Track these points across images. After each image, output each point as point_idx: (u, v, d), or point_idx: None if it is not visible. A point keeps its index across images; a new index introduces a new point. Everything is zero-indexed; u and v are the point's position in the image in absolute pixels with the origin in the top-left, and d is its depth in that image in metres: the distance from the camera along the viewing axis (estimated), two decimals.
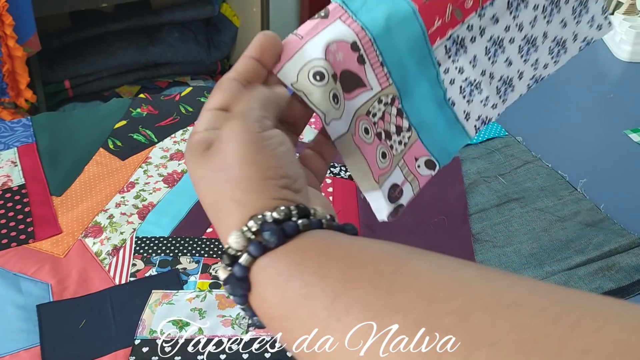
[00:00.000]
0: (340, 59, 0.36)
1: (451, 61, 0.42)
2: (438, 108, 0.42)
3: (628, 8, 1.01)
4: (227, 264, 0.29)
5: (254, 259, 0.28)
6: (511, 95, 0.46)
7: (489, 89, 0.44)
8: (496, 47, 0.44)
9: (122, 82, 1.81)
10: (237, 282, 0.29)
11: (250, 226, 0.29)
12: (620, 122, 0.84)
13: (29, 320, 0.55)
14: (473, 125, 0.44)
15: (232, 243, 0.29)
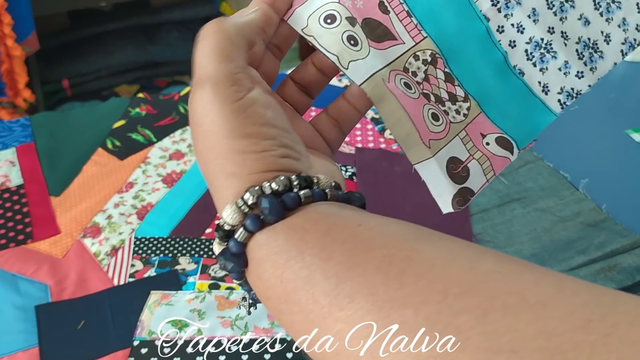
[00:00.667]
0: (360, 6, 0.32)
1: (503, 15, 0.34)
2: (500, 76, 0.35)
3: None
4: (222, 239, 0.27)
5: (250, 234, 0.26)
6: (601, 63, 0.36)
7: (566, 52, 0.35)
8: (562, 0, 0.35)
9: (121, 82, 1.80)
10: (233, 258, 0.27)
11: (246, 199, 0.26)
12: (622, 122, 0.84)
13: (27, 321, 0.55)
14: (557, 100, 0.36)
15: (227, 217, 0.26)
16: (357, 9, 0.32)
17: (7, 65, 1.36)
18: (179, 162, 0.75)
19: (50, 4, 1.54)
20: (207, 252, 0.62)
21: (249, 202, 0.26)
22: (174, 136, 0.79)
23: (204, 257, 0.62)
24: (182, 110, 0.84)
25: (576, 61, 0.36)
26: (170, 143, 0.78)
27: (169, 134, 0.79)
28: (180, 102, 0.85)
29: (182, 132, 0.80)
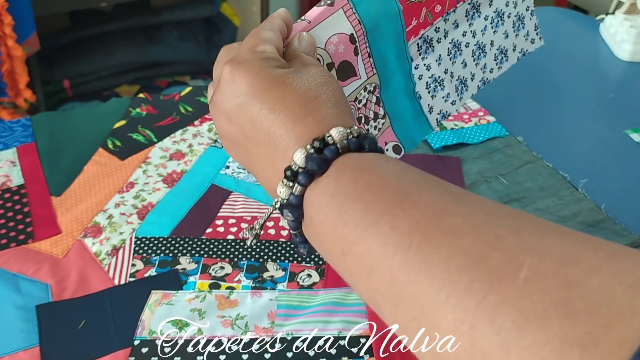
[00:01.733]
0: (341, 51, 0.40)
1: (421, 58, 0.47)
2: (408, 100, 0.48)
3: (629, 8, 1.01)
4: (289, 179, 0.31)
5: (304, 187, 0.30)
6: (466, 94, 0.52)
7: (449, 86, 0.50)
8: (455, 49, 0.50)
9: (122, 82, 1.80)
10: (292, 208, 0.31)
11: (314, 146, 0.31)
12: (621, 122, 0.84)
13: (28, 321, 0.55)
14: (435, 118, 0.50)
15: (297, 160, 0.31)
16: (339, 54, 0.41)
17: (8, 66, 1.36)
18: (180, 162, 0.75)
19: (50, 4, 1.54)
20: (207, 252, 0.63)
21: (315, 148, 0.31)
22: (175, 136, 0.79)
23: (205, 257, 0.62)
24: (182, 111, 0.84)
25: (453, 93, 0.51)
26: (171, 143, 0.78)
27: (170, 134, 0.79)
28: (180, 102, 0.85)
29: (182, 132, 0.80)
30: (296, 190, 0.31)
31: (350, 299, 0.58)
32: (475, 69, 0.52)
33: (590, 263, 0.22)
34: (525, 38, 0.56)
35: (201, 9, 1.87)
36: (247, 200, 0.69)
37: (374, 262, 0.26)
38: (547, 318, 0.20)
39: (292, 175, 0.31)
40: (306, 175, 0.30)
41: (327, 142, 0.31)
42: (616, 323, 0.19)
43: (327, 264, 0.62)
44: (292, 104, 0.32)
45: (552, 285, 0.21)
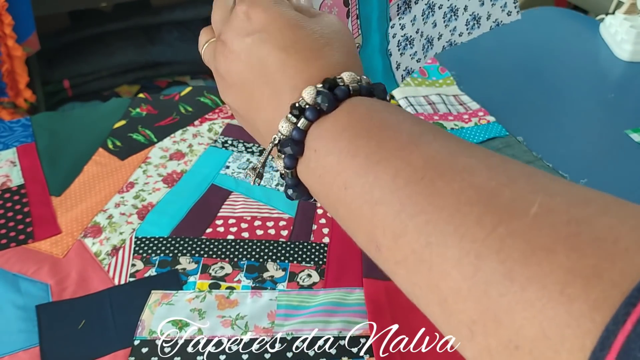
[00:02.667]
0: (335, 13, 0.41)
1: (398, 18, 0.49)
2: (381, 58, 0.49)
3: (629, 8, 1.01)
4: (296, 116, 0.31)
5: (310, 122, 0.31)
6: (430, 52, 0.54)
7: (417, 45, 0.52)
8: (429, 10, 0.51)
9: (122, 82, 1.80)
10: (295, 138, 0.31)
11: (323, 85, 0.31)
12: (621, 122, 0.84)
13: (28, 321, 0.55)
14: (400, 75, 0.51)
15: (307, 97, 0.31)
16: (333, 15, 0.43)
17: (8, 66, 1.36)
18: (180, 162, 0.75)
19: (50, 4, 1.54)
20: (207, 252, 0.63)
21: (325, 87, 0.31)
22: (175, 136, 0.79)
23: (205, 257, 0.62)
24: (182, 111, 0.84)
25: (420, 51, 0.52)
26: (171, 143, 0.78)
27: (170, 134, 0.79)
28: (180, 103, 0.85)
29: (182, 132, 0.80)
30: (302, 125, 0.31)
31: (350, 299, 0.58)
32: (444, 30, 0.53)
33: (599, 205, 0.22)
34: (502, 9, 0.56)
35: (201, 9, 1.87)
36: (247, 200, 0.69)
37: (381, 194, 0.26)
38: (553, 250, 0.21)
39: (298, 111, 0.31)
40: (314, 110, 0.30)
41: (337, 84, 0.31)
42: (620, 258, 0.20)
43: (327, 264, 0.62)
44: (305, 46, 0.32)
45: (561, 222, 0.22)
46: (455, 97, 0.87)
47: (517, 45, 1.01)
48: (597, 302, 0.19)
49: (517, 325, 0.21)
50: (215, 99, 0.86)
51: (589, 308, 0.19)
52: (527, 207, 0.22)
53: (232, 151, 0.77)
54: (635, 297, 0.19)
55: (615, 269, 0.20)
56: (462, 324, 0.23)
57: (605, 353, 0.18)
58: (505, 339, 0.21)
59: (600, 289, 0.19)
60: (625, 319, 0.18)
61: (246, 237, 0.64)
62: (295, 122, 0.31)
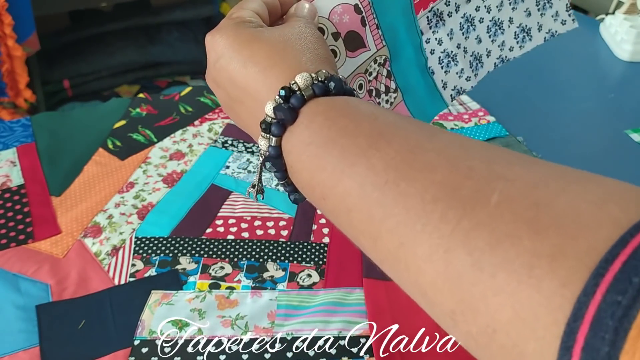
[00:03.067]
0: (346, 21, 0.41)
1: (432, 32, 0.47)
2: (420, 74, 0.47)
3: (629, 8, 1.01)
4: (265, 131, 0.32)
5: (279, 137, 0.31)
6: (481, 71, 0.51)
7: (463, 62, 0.49)
8: (468, 24, 0.49)
9: (122, 82, 1.80)
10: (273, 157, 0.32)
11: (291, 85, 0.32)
12: (621, 122, 0.84)
13: (28, 321, 0.55)
14: (449, 95, 0.49)
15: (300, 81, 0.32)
16: (343, 23, 0.40)
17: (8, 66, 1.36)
18: (180, 162, 0.75)
19: (50, 4, 1.54)
20: (207, 252, 0.63)
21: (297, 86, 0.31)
22: (175, 136, 0.79)
23: (204, 257, 0.62)
24: (182, 111, 0.84)
25: (468, 69, 0.50)
26: (171, 143, 0.78)
27: (170, 134, 0.79)
28: (180, 103, 0.85)
29: (182, 132, 0.80)
30: (272, 142, 0.32)
31: (350, 299, 0.58)
32: (491, 46, 0.51)
33: (558, 185, 0.23)
34: (554, 19, 0.54)
35: (201, 9, 1.87)
36: (247, 200, 0.69)
37: (353, 203, 0.27)
38: (517, 236, 0.22)
39: (267, 128, 0.32)
40: (278, 125, 0.31)
41: (293, 90, 0.32)
42: (582, 234, 0.21)
43: (327, 264, 0.62)
44: (262, 57, 0.34)
45: (522, 207, 0.22)
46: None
47: None
48: (565, 278, 0.20)
49: (492, 311, 0.22)
50: (215, 99, 0.86)
51: (558, 285, 0.20)
52: (489, 195, 0.23)
53: (232, 151, 0.77)
54: (602, 267, 0.19)
55: (579, 245, 0.20)
56: (443, 314, 0.24)
57: (578, 324, 0.19)
58: (483, 325, 0.22)
59: (566, 266, 0.20)
60: (595, 289, 0.19)
61: (246, 237, 0.64)
62: (268, 138, 0.32)
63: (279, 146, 0.32)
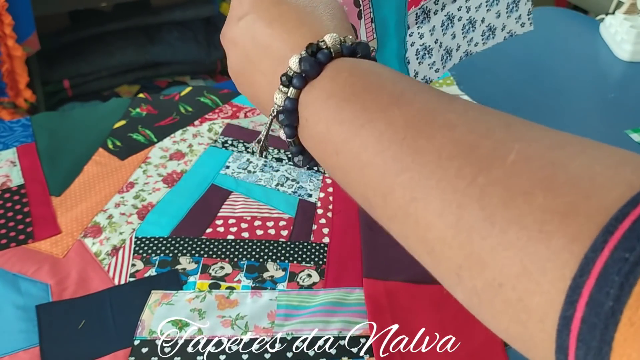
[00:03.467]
0: (345, 11, 0.42)
1: (417, 27, 0.49)
2: (397, 64, 0.50)
3: (629, 8, 1.01)
4: (284, 85, 0.32)
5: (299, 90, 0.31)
6: (449, 63, 0.54)
7: (436, 55, 0.53)
8: (448, 22, 0.52)
9: (122, 82, 1.80)
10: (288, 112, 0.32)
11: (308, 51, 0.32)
12: (621, 122, 0.84)
13: (28, 321, 0.55)
14: None
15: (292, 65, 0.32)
16: None
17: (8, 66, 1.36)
18: (180, 162, 0.75)
19: (50, 4, 1.54)
20: (207, 252, 0.63)
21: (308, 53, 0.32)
22: (175, 136, 0.79)
23: (205, 257, 0.62)
24: (182, 111, 0.84)
25: (438, 61, 0.53)
26: (171, 143, 0.78)
27: (170, 134, 0.79)
28: (180, 103, 0.85)
29: (182, 132, 0.80)
30: (291, 94, 0.32)
31: (350, 298, 0.58)
32: (462, 41, 0.55)
33: (574, 149, 0.23)
34: (516, 21, 0.57)
35: (201, 9, 1.87)
36: (247, 200, 0.69)
37: (368, 157, 0.27)
38: (531, 193, 0.22)
39: (287, 80, 0.32)
40: (300, 77, 0.31)
41: (320, 47, 0.32)
42: (595, 194, 0.21)
43: (327, 264, 0.62)
44: (289, 18, 0.34)
45: (538, 166, 0.23)
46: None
47: (517, 45, 1.01)
48: (574, 235, 0.20)
49: (500, 265, 0.22)
50: (215, 99, 0.86)
51: (567, 241, 0.20)
52: (506, 155, 0.23)
53: (232, 151, 0.77)
54: (612, 225, 0.19)
55: (591, 204, 0.21)
56: (449, 270, 0.25)
57: (585, 279, 0.19)
58: (489, 279, 0.23)
59: (577, 223, 0.20)
60: (603, 246, 0.19)
61: (246, 237, 0.64)
62: (287, 91, 0.32)
63: (296, 99, 0.32)
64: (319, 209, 0.68)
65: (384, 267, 0.61)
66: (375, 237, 0.64)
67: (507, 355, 0.53)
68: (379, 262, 0.61)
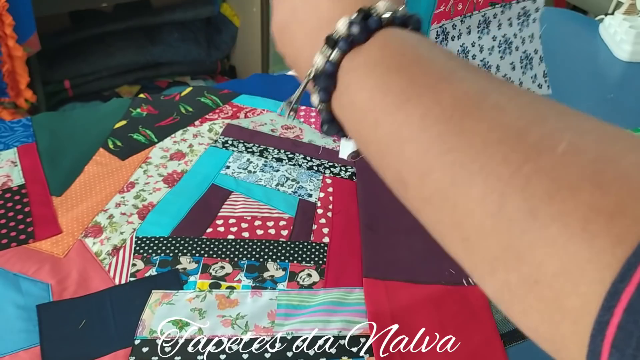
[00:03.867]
0: None
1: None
2: None
3: (628, 8, 1.01)
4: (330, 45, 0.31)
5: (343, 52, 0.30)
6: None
7: None
8: (464, 55, 0.50)
9: (122, 82, 1.80)
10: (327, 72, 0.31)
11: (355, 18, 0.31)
12: (620, 122, 0.83)
13: (28, 321, 0.55)
14: None
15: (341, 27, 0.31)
16: None
17: (9, 66, 1.36)
18: (180, 162, 0.75)
19: (51, 4, 1.54)
20: (207, 251, 0.63)
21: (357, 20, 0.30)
22: (175, 136, 0.79)
23: (205, 257, 0.62)
24: (183, 111, 0.84)
25: None
26: (171, 143, 0.78)
27: (170, 134, 0.80)
28: (181, 103, 0.85)
29: (183, 132, 0.80)
30: (333, 57, 0.31)
31: (350, 298, 0.58)
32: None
33: (627, 144, 0.22)
34: (533, 80, 0.56)
35: (201, 9, 1.87)
36: (247, 200, 0.69)
37: (410, 133, 0.26)
38: (578, 188, 0.21)
39: (332, 43, 0.31)
40: (346, 41, 0.30)
41: (371, 14, 0.31)
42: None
43: (327, 264, 0.62)
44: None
45: (588, 160, 0.21)
46: None
47: None
48: (619, 237, 0.19)
49: (538, 261, 0.21)
50: (215, 99, 0.87)
51: (610, 243, 0.19)
52: (555, 145, 0.22)
53: (232, 151, 0.77)
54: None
55: (639, 205, 0.19)
56: (484, 260, 0.24)
57: (624, 284, 0.18)
58: (525, 274, 0.22)
59: (622, 225, 0.19)
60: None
61: (246, 237, 0.64)
62: (329, 54, 0.31)
63: (338, 63, 0.31)
64: (319, 209, 0.68)
65: (384, 267, 0.61)
66: (375, 237, 0.64)
67: (507, 355, 0.53)
68: (379, 262, 0.61)
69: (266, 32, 1.83)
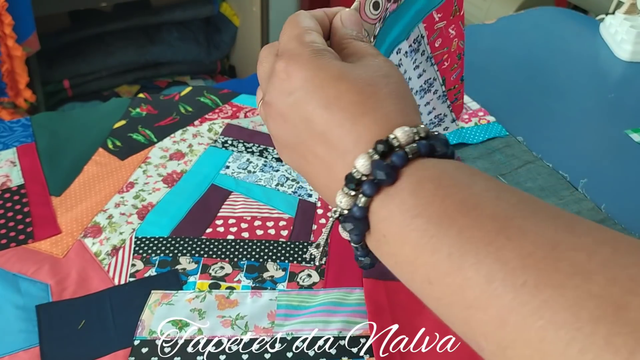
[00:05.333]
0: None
1: (403, 51, 0.48)
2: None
3: (629, 8, 1.01)
4: (352, 187, 0.28)
5: (370, 198, 0.27)
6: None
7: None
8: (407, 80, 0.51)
9: (122, 82, 1.81)
10: (355, 221, 0.28)
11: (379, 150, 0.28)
12: (621, 122, 0.84)
13: (28, 321, 0.55)
14: None
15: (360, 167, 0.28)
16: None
17: (8, 66, 1.36)
18: (180, 162, 0.75)
19: (51, 4, 1.54)
20: (207, 252, 0.63)
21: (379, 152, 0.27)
22: (175, 136, 0.79)
23: (205, 257, 0.62)
24: (182, 111, 0.84)
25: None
26: (171, 143, 0.78)
27: (170, 134, 0.79)
28: (180, 103, 0.85)
29: (182, 132, 0.80)
30: (360, 202, 0.27)
31: (350, 298, 0.58)
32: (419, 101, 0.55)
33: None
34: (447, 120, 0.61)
35: (201, 9, 1.87)
36: (247, 200, 0.69)
37: (475, 299, 0.23)
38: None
39: (354, 184, 0.28)
40: (372, 184, 0.27)
41: (391, 145, 0.27)
42: None
43: (327, 264, 0.62)
44: (349, 101, 0.29)
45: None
46: None
47: (517, 45, 1.01)
48: None
49: None
50: (215, 99, 0.86)
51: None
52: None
53: (232, 151, 0.77)
54: None
55: None
56: None
57: None
58: None
59: None
60: None
61: (246, 237, 0.64)
62: (354, 195, 0.28)
63: (367, 207, 0.28)
64: (319, 209, 0.68)
65: (384, 267, 0.61)
66: None
67: None
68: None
69: (266, 32, 1.83)
